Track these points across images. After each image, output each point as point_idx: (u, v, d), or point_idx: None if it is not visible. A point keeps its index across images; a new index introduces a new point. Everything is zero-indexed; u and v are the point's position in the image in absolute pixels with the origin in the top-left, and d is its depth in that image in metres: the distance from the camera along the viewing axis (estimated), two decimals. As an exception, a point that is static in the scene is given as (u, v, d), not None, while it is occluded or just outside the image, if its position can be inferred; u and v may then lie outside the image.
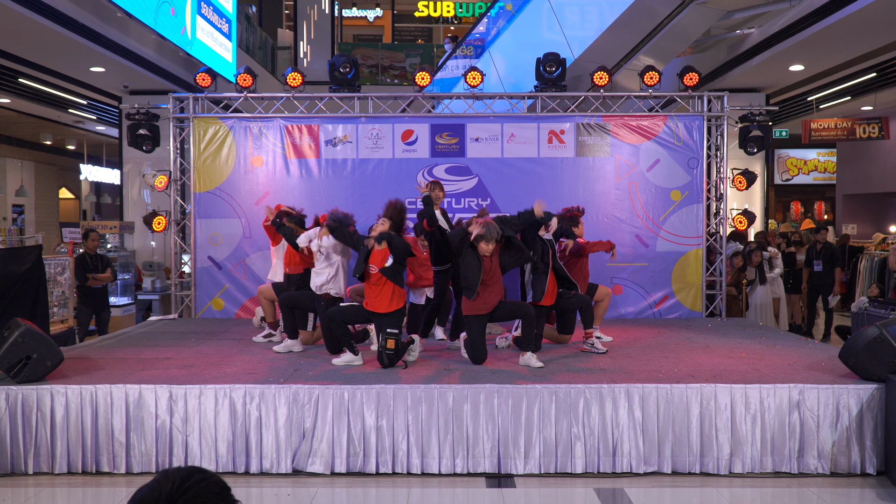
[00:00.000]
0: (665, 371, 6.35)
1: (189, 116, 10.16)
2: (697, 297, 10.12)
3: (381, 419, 5.73)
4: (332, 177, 10.13)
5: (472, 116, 10.22)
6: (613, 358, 7.02)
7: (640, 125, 10.13)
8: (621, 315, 10.12)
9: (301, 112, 10.25)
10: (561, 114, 10.23)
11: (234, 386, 5.79)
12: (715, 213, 10.41)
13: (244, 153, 10.18)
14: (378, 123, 10.18)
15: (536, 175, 10.12)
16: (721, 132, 10.25)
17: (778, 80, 14.11)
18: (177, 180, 10.33)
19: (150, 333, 8.70)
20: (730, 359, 6.93)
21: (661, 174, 10.12)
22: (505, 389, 5.75)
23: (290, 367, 6.61)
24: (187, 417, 5.74)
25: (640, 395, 5.74)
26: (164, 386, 5.78)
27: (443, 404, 5.74)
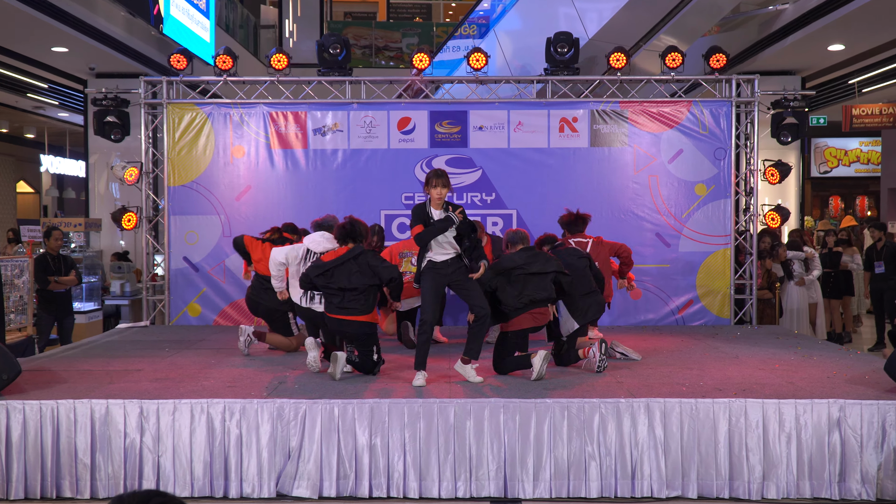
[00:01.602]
0: (689, 384, 6.32)
1: (162, 102, 10.15)
2: (725, 303, 10.11)
3: (375, 437, 5.71)
4: (321, 169, 10.13)
5: (475, 102, 10.21)
6: (632, 370, 7.00)
7: (662, 112, 10.12)
8: (641, 322, 10.11)
9: (286, 98, 10.24)
10: (573, 99, 10.22)
11: (211, 401, 5.77)
12: (744, 210, 10.40)
13: (223, 143, 10.17)
14: (372, 110, 10.17)
15: (546, 167, 10.12)
16: (751, 119, 10.24)
17: (815, 62, 14.10)
18: (149, 173, 10.32)
19: (118, 343, 8.67)
20: (762, 371, 6.91)
21: (684, 166, 10.12)
22: (512, 404, 5.74)
23: (274, 379, 6.59)
24: (160, 436, 5.72)
25: (662, 411, 5.72)
26: (133, 401, 5.75)
27: (443, 421, 5.72)
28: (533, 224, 9.88)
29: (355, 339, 6.79)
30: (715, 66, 10.09)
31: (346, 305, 6.68)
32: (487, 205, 10.06)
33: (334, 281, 6.67)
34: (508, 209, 10.10)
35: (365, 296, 6.69)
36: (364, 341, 6.78)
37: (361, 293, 6.67)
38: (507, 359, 6.84)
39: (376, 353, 6.81)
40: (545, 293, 6.79)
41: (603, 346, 6.84)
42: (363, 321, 6.71)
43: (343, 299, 6.68)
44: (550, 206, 9.61)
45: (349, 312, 6.68)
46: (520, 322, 6.84)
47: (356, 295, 6.66)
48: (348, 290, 6.65)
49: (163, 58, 12.90)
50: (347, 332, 6.78)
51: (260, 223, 9.92)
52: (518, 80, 10.52)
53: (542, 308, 6.90)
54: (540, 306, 6.85)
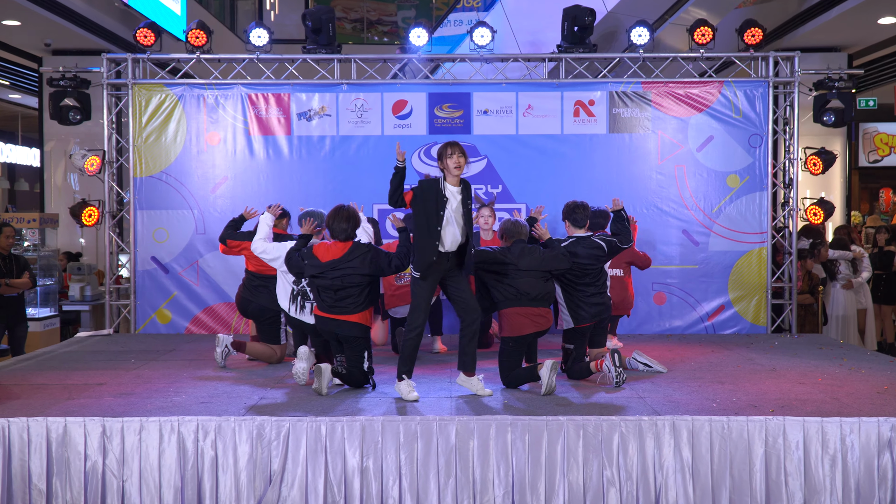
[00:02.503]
0: (721, 400, 6.33)
1: (127, 83, 10.16)
2: (761, 308, 10.11)
3: (367, 459, 5.72)
4: (307, 158, 10.14)
5: (479, 83, 10.22)
6: (656, 384, 7.01)
7: (689, 94, 10.13)
8: (666, 330, 10.11)
9: (267, 78, 10.25)
10: (590, 80, 10.22)
11: (183, 418, 5.77)
12: (783, 203, 10.40)
13: (196, 129, 10.18)
14: (363, 92, 10.17)
15: (559, 156, 10.12)
16: (791, 102, 10.24)
17: (864, 37, 14.08)
18: (112, 162, 10.33)
19: (77, 353, 8.67)
20: (802, 385, 6.92)
21: (715, 155, 10.12)
22: (521, 422, 5.75)
23: (253, 393, 6.61)
24: (125, 458, 5.72)
25: (690, 431, 5.73)
26: (95, 419, 5.75)
27: (443, 440, 5.73)
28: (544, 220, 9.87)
29: (345, 341, 6.82)
30: (750, 41, 10.09)
31: (339, 304, 6.74)
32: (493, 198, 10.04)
33: (329, 278, 6.75)
34: (517, 203, 10.10)
35: (360, 292, 6.75)
36: (354, 346, 6.81)
37: (357, 289, 6.74)
38: (514, 371, 6.86)
39: (367, 360, 6.83)
40: (537, 291, 6.88)
41: (616, 357, 6.83)
42: (355, 322, 6.76)
43: (336, 297, 6.74)
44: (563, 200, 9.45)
45: (341, 311, 6.74)
46: (518, 327, 6.87)
47: (351, 291, 6.74)
48: (343, 288, 6.74)
49: (128, 32, 12.90)
50: (337, 334, 6.82)
51: (237, 219, 9.93)
52: (528, 57, 10.51)
53: (540, 310, 6.94)
54: (536, 305, 6.89)
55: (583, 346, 7.37)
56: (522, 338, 6.91)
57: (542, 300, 6.95)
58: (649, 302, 10.07)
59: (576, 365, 7.25)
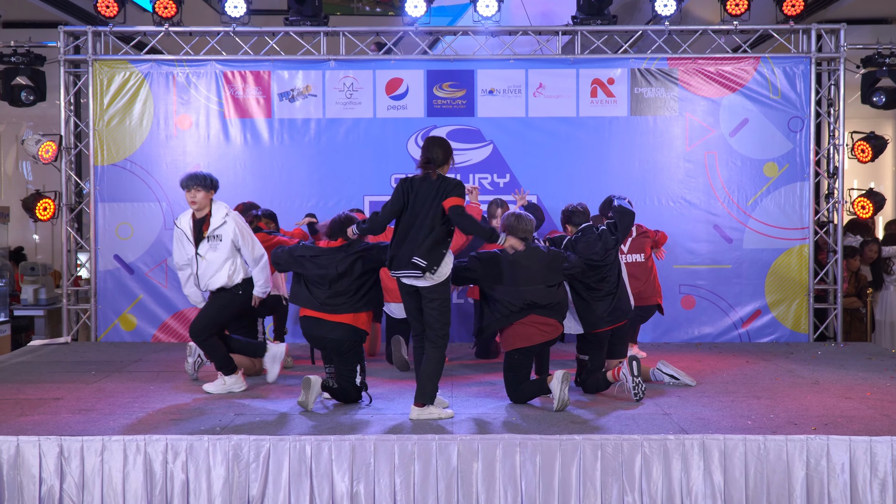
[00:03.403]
0: (756, 417, 6.33)
1: (87, 59, 10.15)
2: (802, 313, 10.11)
3: (358, 483, 5.72)
4: (290, 144, 10.13)
5: (484, 59, 10.21)
6: (683, 398, 7.01)
7: (721, 71, 10.12)
8: (695, 338, 10.10)
9: (245, 53, 10.25)
10: (609, 56, 10.21)
11: (150, 437, 5.77)
12: (827, 195, 10.39)
13: (165, 111, 10.18)
14: (353, 69, 10.17)
15: (574, 141, 10.12)
16: (836, 81, 10.23)
17: (918, 8, 14.06)
18: (70, 148, 10.32)
19: (31, 364, 8.68)
20: (849, 400, 6.92)
21: (749, 140, 10.12)
22: (531, 441, 5.74)
23: (229, 410, 6.61)
24: (85, 482, 5.71)
25: (721, 451, 5.73)
26: (51, 438, 5.74)
27: (443, 462, 5.73)
28: (558, 213, 9.86)
29: (335, 351, 6.80)
30: (790, 12, 10.08)
31: (332, 301, 6.74)
32: (500, 189, 10.04)
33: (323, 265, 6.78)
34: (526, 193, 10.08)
35: (357, 287, 6.76)
36: (347, 355, 6.80)
37: (355, 282, 6.75)
38: (522, 386, 6.85)
39: (360, 374, 6.84)
40: (547, 300, 6.83)
41: (634, 366, 6.80)
42: (348, 324, 6.75)
43: (330, 292, 6.74)
44: (579, 191, 9.59)
45: (333, 310, 6.74)
46: (524, 337, 6.84)
47: (348, 285, 6.74)
48: (339, 279, 6.73)
49: (88, 3, 12.87)
50: (327, 339, 6.80)
51: (211, 212, 9.92)
52: (539, 30, 10.51)
53: (553, 321, 6.92)
54: (545, 315, 6.86)
55: (600, 357, 7.32)
56: (529, 349, 6.89)
57: (553, 310, 6.90)
58: (676, 306, 10.06)
59: (591, 377, 7.23)
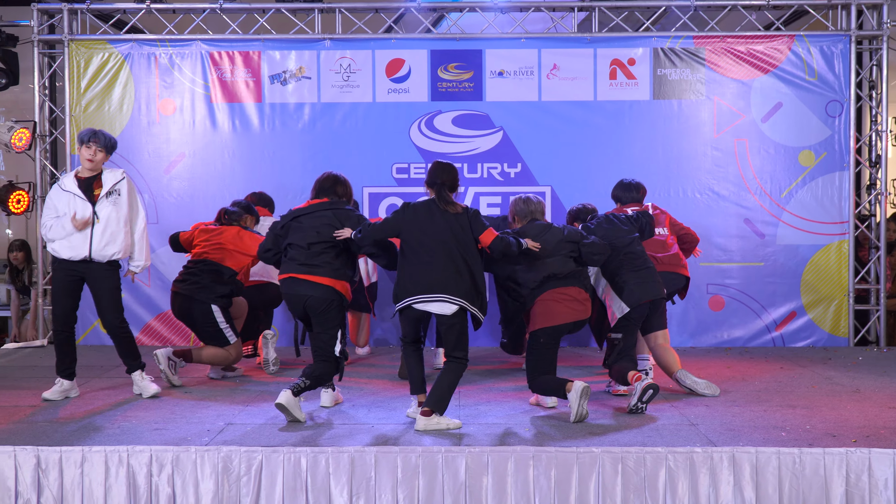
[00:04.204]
0: (791, 428, 6.30)
1: (63, 39, 10.16)
2: (842, 315, 10.08)
3: (357, 499, 5.70)
4: (281, 130, 10.13)
5: (493, 38, 10.20)
6: (711, 407, 6.99)
7: (753, 51, 10.09)
8: (724, 342, 10.08)
9: (234, 32, 10.24)
10: (630, 34, 10.18)
11: (133, 448, 5.76)
12: (868, 186, 10.35)
13: (147, 95, 10.18)
14: (350, 50, 10.16)
15: (592, 127, 10.10)
16: (879, 61, 10.19)
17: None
18: (45, 136, 10.33)
19: (4, 369, 8.70)
20: (893, 410, 6.88)
21: (784, 126, 10.09)
22: (545, 454, 5.72)
23: (218, 418, 6.60)
24: (63, 496, 5.71)
25: (753, 465, 5.70)
26: (28, 448, 5.74)
27: (451, 476, 5.71)
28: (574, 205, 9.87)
29: (314, 313, 6.74)
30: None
31: (311, 262, 6.71)
32: (511, 179, 10.03)
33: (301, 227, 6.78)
34: (540, 186, 10.07)
35: (336, 254, 6.75)
36: (326, 318, 6.72)
37: (333, 250, 6.73)
38: (543, 378, 6.83)
39: (340, 343, 6.74)
40: (566, 269, 6.92)
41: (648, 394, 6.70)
42: (328, 285, 6.70)
43: (308, 254, 6.72)
44: (597, 181, 9.59)
45: (312, 271, 6.70)
46: (551, 315, 6.86)
47: (325, 249, 6.72)
48: (316, 243, 6.72)
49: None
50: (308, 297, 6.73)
51: (198, 204, 9.94)
52: (553, 6, 10.48)
53: (577, 292, 6.94)
54: (566, 285, 6.90)
55: (633, 336, 7.39)
56: (556, 329, 6.88)
57: (574, 278, 6.98)
58: (703, 307, 10.04)
59: (619, 363, 7.22)
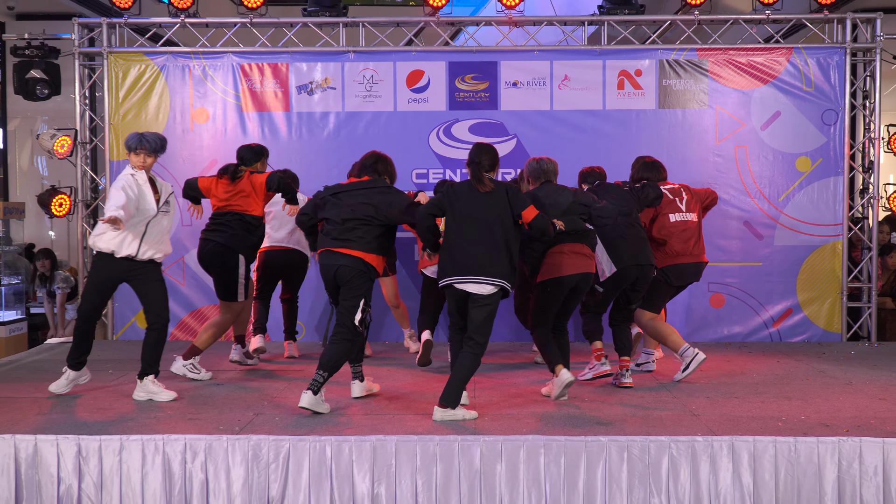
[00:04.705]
0: (787, 418, 6.34)
1: (102, 51, 10.22)
2: (835, 312, 10.10)
3: (379, 484, 5.76)
4: (308, 138, 10.19)
5: (507, 51, 10.24)
6: (712, 399, 7.03)
7: (753, 62, 10.11)
8: (724, 337, 10.10)
9: (263, 45, 10.30)
10: (637, 46, 10.22)
11: (168, 437, 5.82)
12: (861, 190, 10.35)
13: (181, 104, 10.25)
14: (373, 62, 10.22)
15: (601, 135, 10.13)
16: (872, 72, 10.19)
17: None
18: (85, 143, 10.41)
19: (48, 362, 8.75)
20: (882, 401, 6.91)
21: (782, 133, 10.10)
22: (555, 443, 5.77)
23: (248, 409, 6.67)
24: (103, 482, 5.77)
25: (751, 453, 5.74)
26: (69, 437, 5.81)
27: (466, 463, 5.76)
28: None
29: (344, 278, 6.71)
30: (824, 2, 10.02)
31: (344, 237, 6.71)
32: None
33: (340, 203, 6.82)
34: (551, 189, 10.11)
35: (370, 231, 6.74)
36: (352, 287, 6.70)
37: (366, 226, 6.73)
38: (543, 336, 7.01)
39: (361, 312, 6.70)
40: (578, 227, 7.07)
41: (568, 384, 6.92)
42: (358, 256, 6.69)
43: (343, 228, 6.73)
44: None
45: (345, 244, 6.71)
46: (556, 266, 7.02)
47: (358, 225, 6.72)
48: (351, 219, 6.74)
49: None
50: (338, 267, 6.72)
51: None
52: (564, 20, 10.50)
53: (584, 248, 7.12)
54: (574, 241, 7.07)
55: (613, 294, 7.59)
56: (560, 281, 7.00)
57: (582, 236, 7.12)
58: (705, 304, 10.07)
59: (594, 322, 7.59)
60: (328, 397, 6.70)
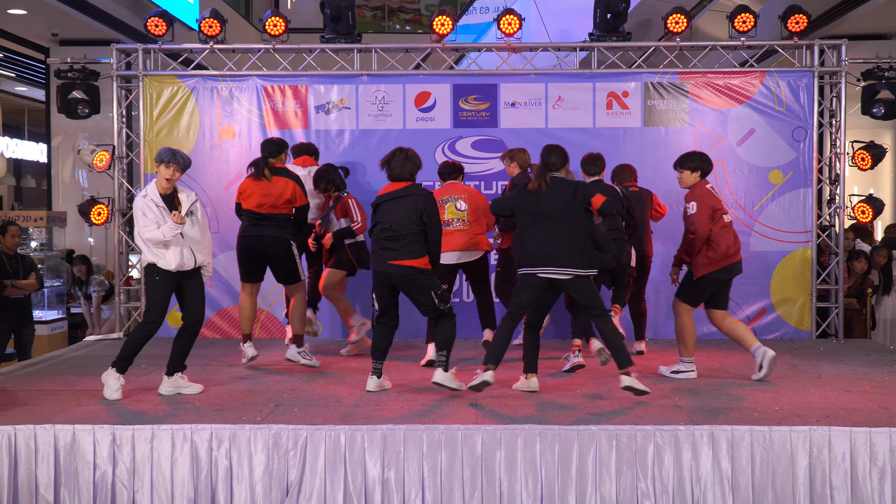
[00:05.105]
0: (762, 409, 6.32)
1: (138, 74, 10.25)
2: (805, 312, 10.07)
3: (389, 470, 5.76)
4: (325, 153, 10.16)
5: (506, 74, 10.23)
6: (693, 391, 7.01)
7: (729, 85, 10.09)
8: (704, 335, 10.04)
9: (284, 69, 10.31)
10: (624, 70, 10.20)
11: (196, 426, 5.83)
12: (829, 201, 10.33)
13: (210, 123, 10.26)
14: (384, 84, 10.21)
15: (591, 150, 10.02)
16: (838, 93, 10.18)
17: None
18: (122, 157, 10.41)
19: (86, 358, 8.77)
20: (849, 393, 6.89)
21: (756, 149, 10.08)
22: (550, 432, 5.77)
23: (269, 401, 6.66)
24: (135, 468, 5.78)
25: (729, 441, 5.73)
26: (105, 427, 5.82)
27: (469, 450, 5.76)
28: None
29: (402, 286, 6.83)
30: (794, 29, 10.03)
31: (391, 247, 6.78)
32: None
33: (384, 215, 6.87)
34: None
35: (415, 240, 6.78)
36: (413, 286, 6.82)
37: (411, 236, 6.77)
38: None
39: (436, 297, 6.84)
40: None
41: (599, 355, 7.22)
42: (407, 265, 6.76)
43: (389, 239, 6.79)
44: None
45: (393, 255, 6.77)
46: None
47: (402, 235, 6.77)
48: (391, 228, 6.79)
49: (138, 21, 13.00)
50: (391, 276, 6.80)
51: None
52: (558, 46, 10.51)
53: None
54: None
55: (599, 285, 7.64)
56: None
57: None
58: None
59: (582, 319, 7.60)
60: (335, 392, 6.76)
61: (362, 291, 9.52)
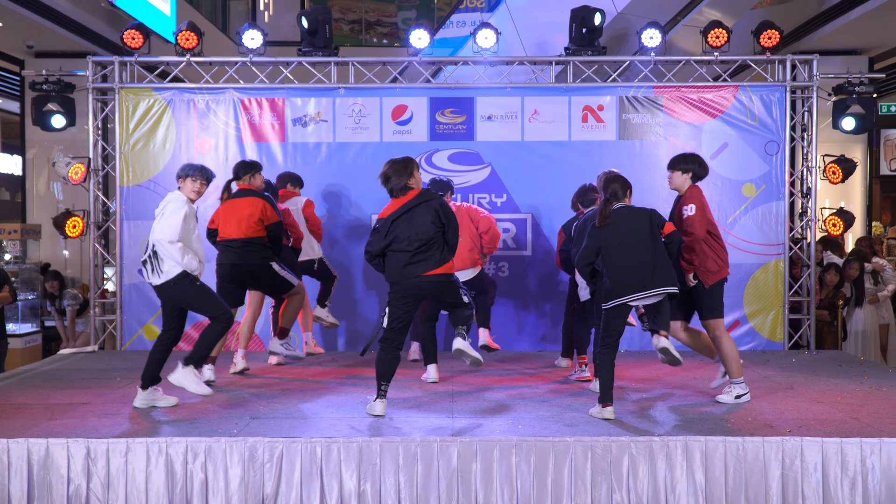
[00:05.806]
0: (735, 420, 6.36)
1: (114, 87, 10.20)
2: (778, 323, 10.13)
3: (365, 482, 5.76)
4: (302, 166, 10.17)
5: (483, 87, 10.27)
6: (668, 402, 7.04)
7: (703, 99, 10.17)
8: (678, 346, 10.06)
9: (261, 82, 10.30)
10: (599, 84, 10.26)
11: (171, 439, 5.81)
12: (801, 214, 10.42)
13: (186, 135, 10.22)
14: (361, 97, 10.22)
15: (567, 163, 10.15)
16: (809, 107, 10.28)
17: (885, 39, 14.11)
18: (98, 170, 10.36)
19: (60, 371, 8.71)
20: (820, 404, 6.94)
21: (729, 162, 10.16)
22: (526, 443, 5.78)
23: (245, 413, 6.64)
24: (110, 481, 5.75)
25: (703, 452, 5.76)
26: (79, 440, 5.79)
27: (445, 462, 5.77)
28: (551, 230, 9.94)
29: (433, 294, 6.80)
30: (766, 44, 10.13)
31: (416, 260, 6.65)
32: (498, 208, 10.08)
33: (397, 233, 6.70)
34: (522, 213, 10.14)
35: (440, 247, 6.72)
36: (446, 292, 6.82)
37: (432, 245, 6.69)
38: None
39: (466, 297, 6.91)
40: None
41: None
42: (442, 273, 6.71)
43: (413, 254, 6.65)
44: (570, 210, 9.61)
45: (426, 267, 6.67)
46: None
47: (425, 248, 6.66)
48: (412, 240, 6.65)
49: (114, 34, 12.96)
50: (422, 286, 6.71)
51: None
52: (534, 60, 10.56)
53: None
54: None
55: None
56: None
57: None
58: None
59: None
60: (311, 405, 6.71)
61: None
